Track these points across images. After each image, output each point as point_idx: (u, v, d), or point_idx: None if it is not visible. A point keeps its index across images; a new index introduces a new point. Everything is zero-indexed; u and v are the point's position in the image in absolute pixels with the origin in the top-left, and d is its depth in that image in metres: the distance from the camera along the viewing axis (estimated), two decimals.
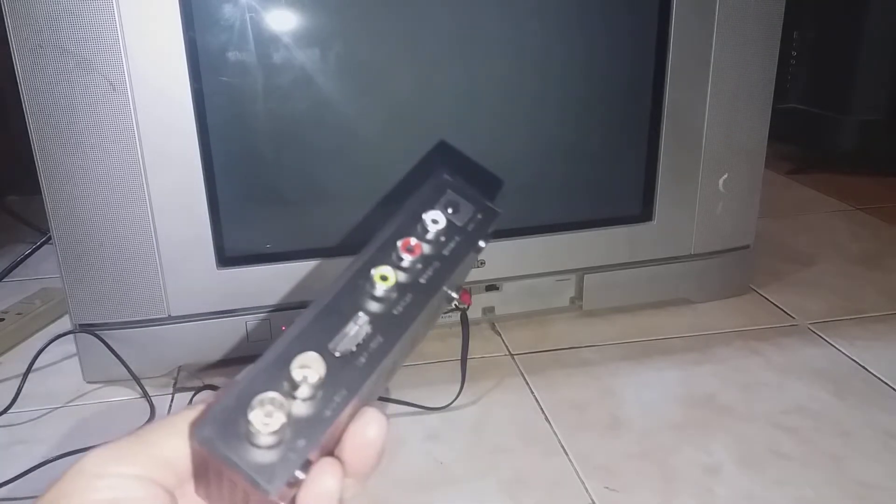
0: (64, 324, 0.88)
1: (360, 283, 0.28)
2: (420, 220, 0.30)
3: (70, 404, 0.76)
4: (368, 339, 0.27)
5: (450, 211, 0.31)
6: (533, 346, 0.85)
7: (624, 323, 0.89)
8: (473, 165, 0.78)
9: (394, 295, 0.28)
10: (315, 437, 0.24)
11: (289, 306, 0.79)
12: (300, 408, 0.25)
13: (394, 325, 0.28)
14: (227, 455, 0.24)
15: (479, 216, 0.31)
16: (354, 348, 0.27)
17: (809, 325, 0.88)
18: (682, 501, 0.61)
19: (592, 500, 0.62)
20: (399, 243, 0.29)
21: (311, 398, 0.25)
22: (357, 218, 0.80)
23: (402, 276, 0.29)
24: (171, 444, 0.26)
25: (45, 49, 0.66)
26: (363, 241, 0.31)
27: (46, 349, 0.77)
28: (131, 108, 0.69)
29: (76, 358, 0.79)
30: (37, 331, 0.91)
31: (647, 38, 0.81)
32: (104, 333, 0.76)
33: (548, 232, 0.84)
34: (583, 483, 0.63)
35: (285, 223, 0.79)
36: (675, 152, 0.84)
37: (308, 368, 0.25)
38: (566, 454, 0.67)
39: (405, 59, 0.78)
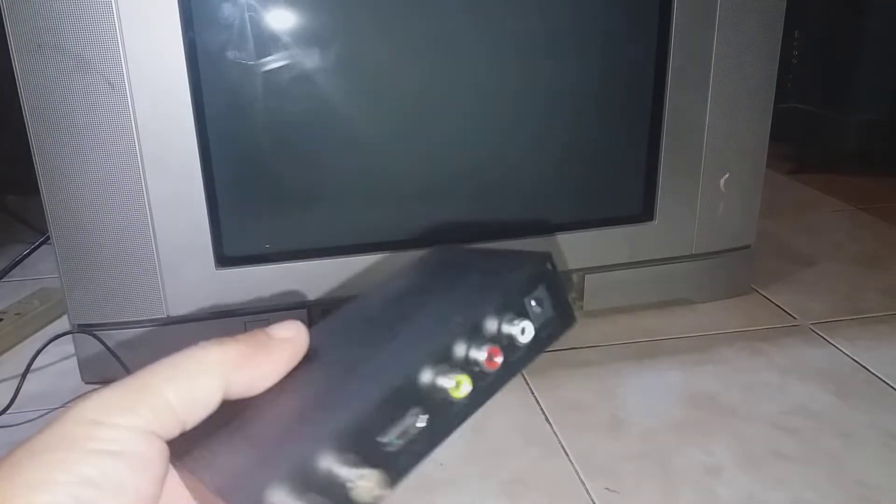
0: (62, 324, 0.88)
1: (429, 373, 0.25)
2: (510, 321, 0.26)
3: (69, 405, 0.76)
4: (417, 436, 0.24)
5: (536, 310, 0.27)
6: None
7: (625, 323, 0.89)
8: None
9: (462, 400, 0.25)
10: None
11: (288, 306, 0.78)
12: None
13: (446, 424, 0.25)
14: None
15: (557, 322, 0.27)
16: (402, 443, 0.24)
17: (811, 326, 0.87)
18: (682, 502, 0.61)
19: (593, 500, 0.61)
20: (486, 350, 0.25)
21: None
22: (356, 217, 0.80)
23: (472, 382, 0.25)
24: (174, 389, 0.24)
25: (44, 49, 0.66)
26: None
27: (45, 350, 0.76)
28: (130, 108, 0.69)
29: (74, 358, 0.79)
30: (35, 331, 0.90)
31: (648, 37, 0.80)
32: (103, 334, 0.76)
33: (548, 232, 0.84)
34: (583, 484, 0.63)
35: (284, 223, 0.79)
36: (676, 152, 0.84)
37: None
38: (566, 455, 0.67)
39: (405, 58, 0.78)
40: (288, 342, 0.27)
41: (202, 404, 0.24)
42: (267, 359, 0.26)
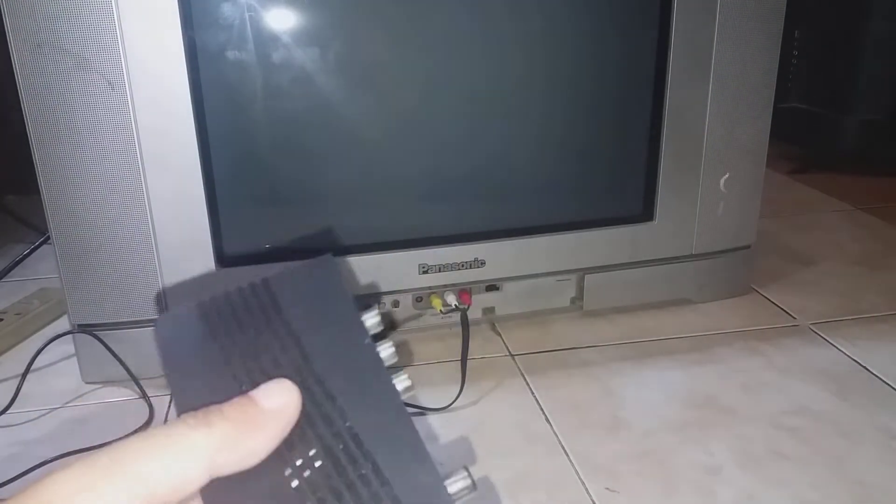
0: (62, 324, 0.88)
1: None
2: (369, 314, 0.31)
3: (69, 405, 0.76)
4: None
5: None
6: (533, 346, 0.85)
7: (625, 323, 0.89)
8: None
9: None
10: None
11: None
12: None
13: None
14: None
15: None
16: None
17: (810, 326, 0.87)
18: (682, 502, 0.61)
19: (593, 500, 0.61)
20: (390, 344, 0.29)
21: None
22: (356, 217, 0.80)
23: None
24: (151, 467, 0.23)
25: (44, 48, 0.66)
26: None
27: (45, 350, 0.77)
28: (130, 107, 0.69)
29: (75, 358, 0.79)
30: (35, 331, 0.90)
31: (649, 37, 0.80)
32: (103, 334, 0.76)
33: (548, 232, 0.84)
34: (583, 483, 0.63)
35: (284, 222, 0.79)
36: (676, 152, 0.84)
37: None
38: (566, 455, 0.67)
39: (405, 58, 0.78)
40: (279, 413, 0.25)
41: (184, 487, 0.23)
42: (257, 436, 0.24)
